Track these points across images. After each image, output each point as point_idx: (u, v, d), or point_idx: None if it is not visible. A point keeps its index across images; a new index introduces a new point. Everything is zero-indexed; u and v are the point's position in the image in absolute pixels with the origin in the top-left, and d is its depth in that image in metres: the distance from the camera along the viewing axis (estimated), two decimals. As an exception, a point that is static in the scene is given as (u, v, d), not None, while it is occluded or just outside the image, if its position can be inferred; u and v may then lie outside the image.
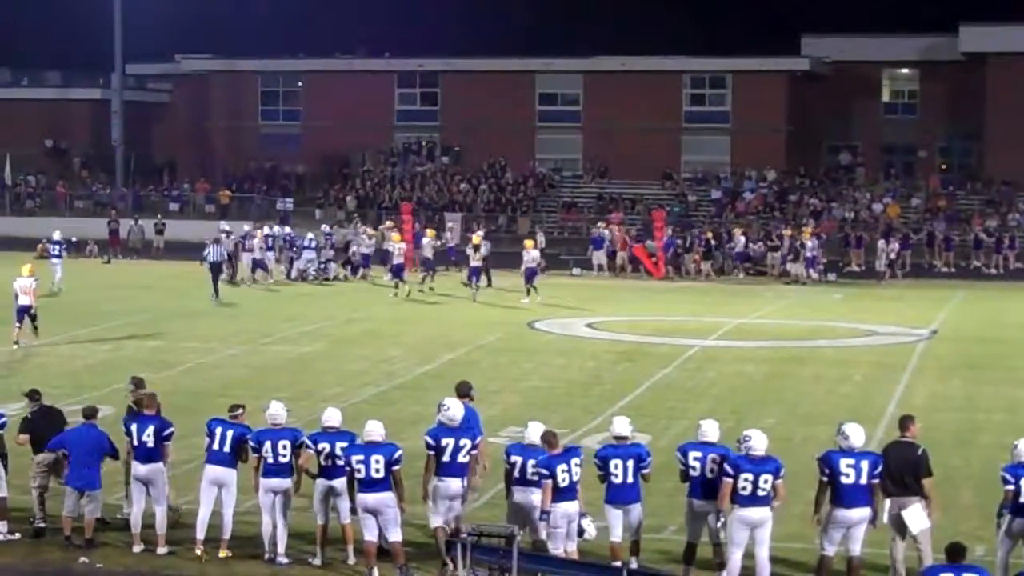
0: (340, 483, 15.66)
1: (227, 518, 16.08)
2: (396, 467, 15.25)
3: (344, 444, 15.62)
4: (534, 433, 15.40)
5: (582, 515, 15.09)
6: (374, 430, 15.45)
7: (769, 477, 14.60)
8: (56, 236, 44.73)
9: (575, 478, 15.02)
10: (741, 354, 31.57)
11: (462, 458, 15.44)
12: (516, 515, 15.20)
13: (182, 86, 78.02)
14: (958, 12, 64.81)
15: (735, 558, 14.70)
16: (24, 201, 71.08)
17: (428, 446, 15.49)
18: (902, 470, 14.93)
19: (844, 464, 14.65)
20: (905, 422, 15.54)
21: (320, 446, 15.78)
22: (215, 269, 41.38)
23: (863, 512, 14.63)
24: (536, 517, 14.99)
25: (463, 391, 16.69)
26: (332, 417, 16.08)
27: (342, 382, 27.14)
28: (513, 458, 15.32)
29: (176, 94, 79.18)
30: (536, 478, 15.05)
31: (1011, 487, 14.68)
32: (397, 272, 42.73)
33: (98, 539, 16.58)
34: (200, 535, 16.05)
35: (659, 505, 16.29)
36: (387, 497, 15.21)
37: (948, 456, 20.51)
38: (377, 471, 15.16)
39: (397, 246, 43.27)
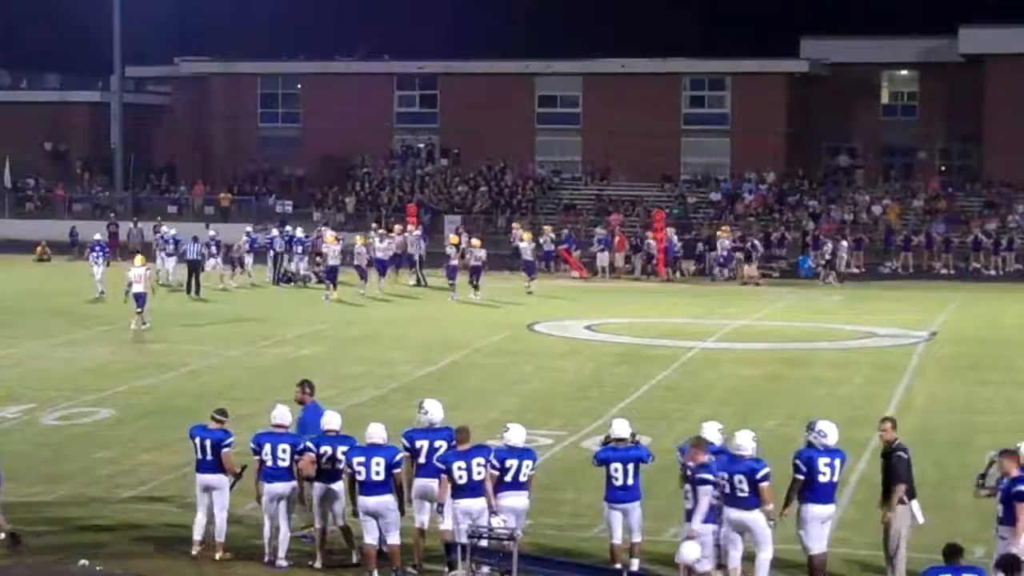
0: (338, 486, 15.68)
1: (220, 521, 16.05)
2: (397, 470, 15.25)
3: (345, 448, 15.61)
4: (515, 436, 15.40)
5: (492, 514, 14.90)
6: (376, 432, 15.43)
7: (743, 478, 14.56)
8: (170, 232, 46.35)
9: (475, 477, 14.98)
10: (741, 356, 31.57)
11: (437, 459, 15.51)
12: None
13: (181, 89, 77.93)
14: (957, 14, 64.74)
15: (733, 557, 14.70)
16: (24, 204, 71.05)
17: (404, 447, 15.64)
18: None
19: (823, 463, 14.70)
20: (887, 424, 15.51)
21: (322, 450, 15.76)
22: (193, 266, 42.72)
23: (832, 508, 14.82)
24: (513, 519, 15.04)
25: (309, 389, 17.24)
26: (332, 420, 16.06)
27: (342, 384, 27.12)
28: (507, 462, 15.34)
29: (175, 97, 79.10)
30: (525, 479, 15.15)
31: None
32: (330, 274, 42.54)
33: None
34: (197, 536, 16.05)
35: (659, 507, 16.28)
36: (388, 500, 15.23)
37: (948, 457, 20.54)
38: (378, 474, 15.17)
39: (333, 248, 43.04)
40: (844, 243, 52.36)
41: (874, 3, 74.68)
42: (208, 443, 16.10)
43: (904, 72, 70.42)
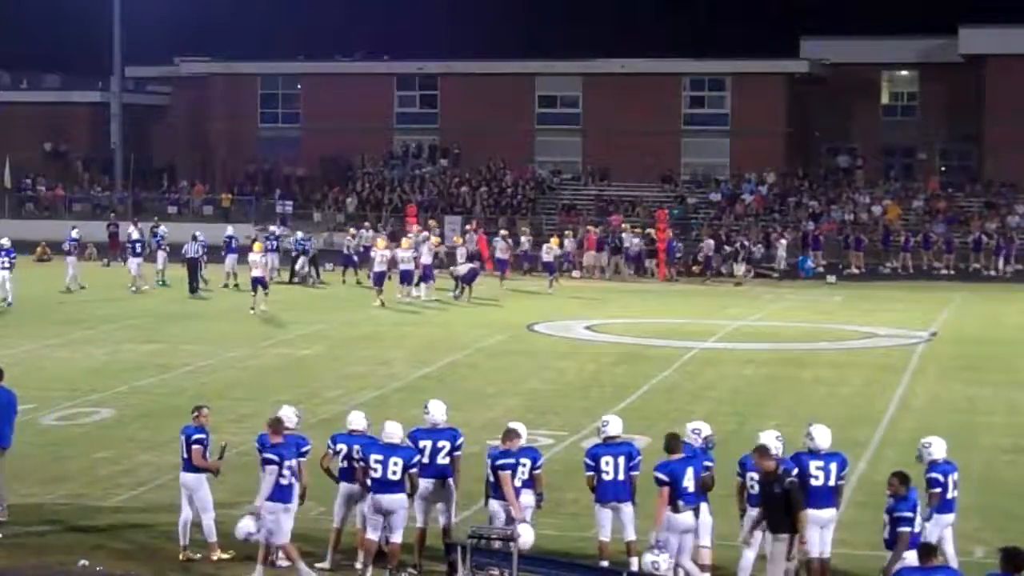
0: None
1: (206, 521, 15.99)
2: (413, 471, 15.31)
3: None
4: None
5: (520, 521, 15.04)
6: (394, 432, 15.44)
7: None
8: (230, 231, 47.93)
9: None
10: (741, 356, 31.55)
11: (440, 459, 15.59)
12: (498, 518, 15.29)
13: (181, 89, 77.96)
14: (957, 14, 64.81)
15: (747, 557, 14.73)
16: (24, 204, 71.03)
17: None
18: None
19: (814, 466, 14.71)
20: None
21: (338, 446, 15.77)
22: (192, 265, 43.19)
23: (831, 512, 14.74)
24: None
25: None
26: (357, 420, 16.05)
27: (342, 384, 27.12)
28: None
29: (175, 97, 79.14)
30: (524, 478, 15.20)
31: (940, 488, 14.76)
32: (377, 280, 41.49)
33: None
34: (182, 541, 16.01)
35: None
36: (401, 499, 15.27)
37: (948, 458, 20.49)
38: (394, 473, 15.19)
39: (380, 253, 41.94)
40: (783, 241, 52.69)
41: (874, 3, 74.74)
42: (183, 440, 16.12)
43: (904, 72, 70.46)
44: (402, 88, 73.81)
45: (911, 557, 13.27)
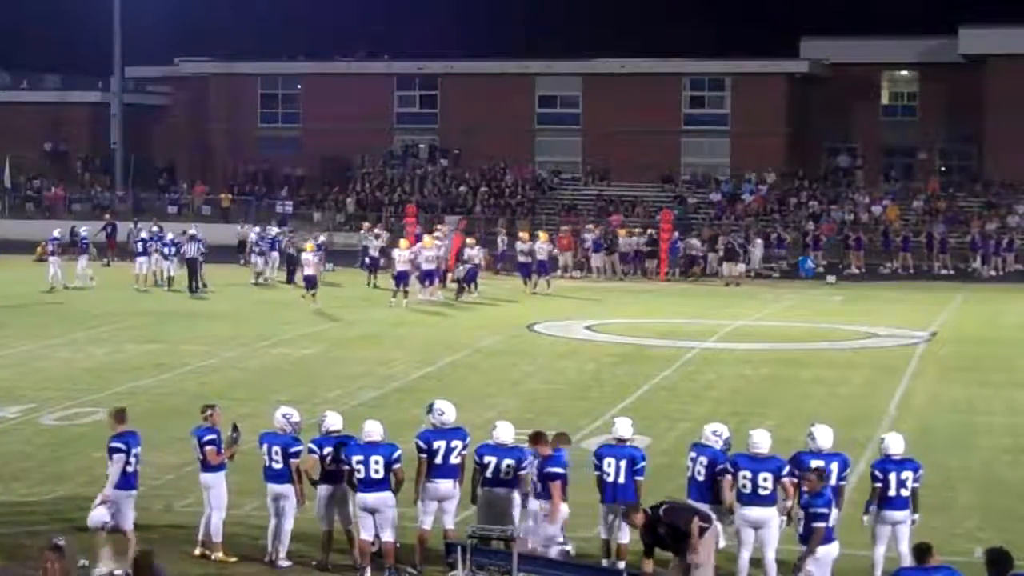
0: (345, 487, 15.68)
1: (214, 520, 16.02)
2: (396, 466, 15.32)
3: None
4: (504, 433, 15.48)
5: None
6: (373, 430, 15.47)
7: (768, 476, 14.65)
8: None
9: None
10: (741, 356, 31.54)
11: (453, 460, 15.57)
12: (487, 514, 15.27)
13: (181, 89, 77.99)
14: (957, 14, 64.81)
15: (743, 557, 14.74)
16: (24, 204, 71.02)
17: (419, 449, 15.59)
18: None
19: (813, 465, 14.75)
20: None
21: (325, 451, 15.76)
22: (191, 265, 43.26)
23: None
24: (511, 514, 15.17)
25: None
26: (335, 421, 16.07)
27: (341, 385, 27.10)
28: (487, 459, 15.41)
29: (175, 97, 79.14)
30: (509, 477, 15.25)
31: (880, 484, 14.85)
32: (399, 280, 41.03)
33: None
34: (199, 535, 16.08)
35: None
36: (387, 496, 15.29)
37: (947, 458, 20.53)
38: (376, 471, 15.22)
39: (402, 253, 41.65)
40: (759, 241, 52.74)
41: (874, 3, 74.73)
42: (195, 442, 16.18)
43: (904, 72, 70.46)
44: (402, 88, 73.84)
45: (829, 551, 13.91)
